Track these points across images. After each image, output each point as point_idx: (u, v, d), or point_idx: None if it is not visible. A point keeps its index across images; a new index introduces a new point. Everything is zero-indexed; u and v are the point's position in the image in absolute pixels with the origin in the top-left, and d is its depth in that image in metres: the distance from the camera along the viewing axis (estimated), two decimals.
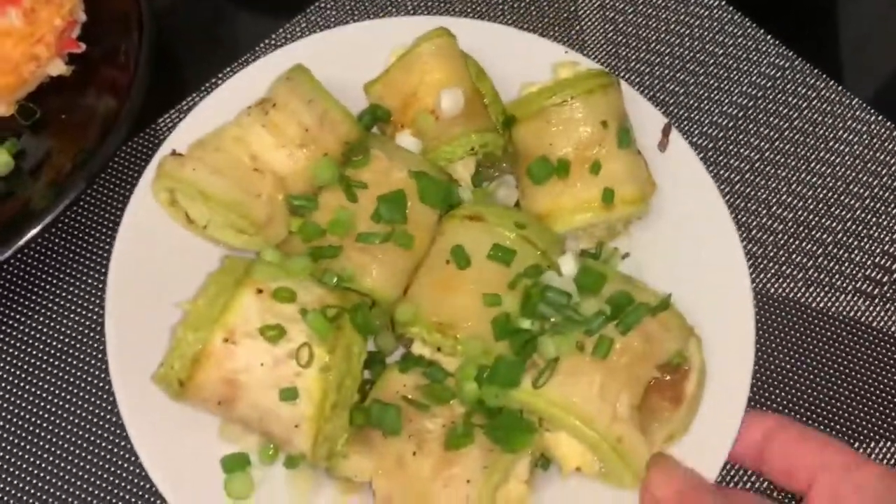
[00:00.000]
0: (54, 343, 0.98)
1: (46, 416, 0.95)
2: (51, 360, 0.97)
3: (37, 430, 0.94)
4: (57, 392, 0.96)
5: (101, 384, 0.96)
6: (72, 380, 0.96)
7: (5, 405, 0.95)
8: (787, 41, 1.23)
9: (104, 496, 0.92)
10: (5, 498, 0.91)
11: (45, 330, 0.98)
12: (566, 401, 0.81)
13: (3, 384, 0.95)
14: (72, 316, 0.99)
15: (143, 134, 1.09)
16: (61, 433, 0.94)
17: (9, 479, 0.91)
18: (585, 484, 0.85)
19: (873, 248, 1.10)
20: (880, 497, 0.76)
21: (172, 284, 0.88)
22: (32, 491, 0.91)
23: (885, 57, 1.27)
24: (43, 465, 0.92)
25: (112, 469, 0.93)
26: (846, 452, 0.80)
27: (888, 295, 1.08)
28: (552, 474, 0.86)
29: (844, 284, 1.08)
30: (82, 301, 0.99)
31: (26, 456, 0.93)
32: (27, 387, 0.96)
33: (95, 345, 0.98)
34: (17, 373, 0.96)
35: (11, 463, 0.92)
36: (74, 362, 0.97)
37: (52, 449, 0.93)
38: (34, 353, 0.97)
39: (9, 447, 0.93)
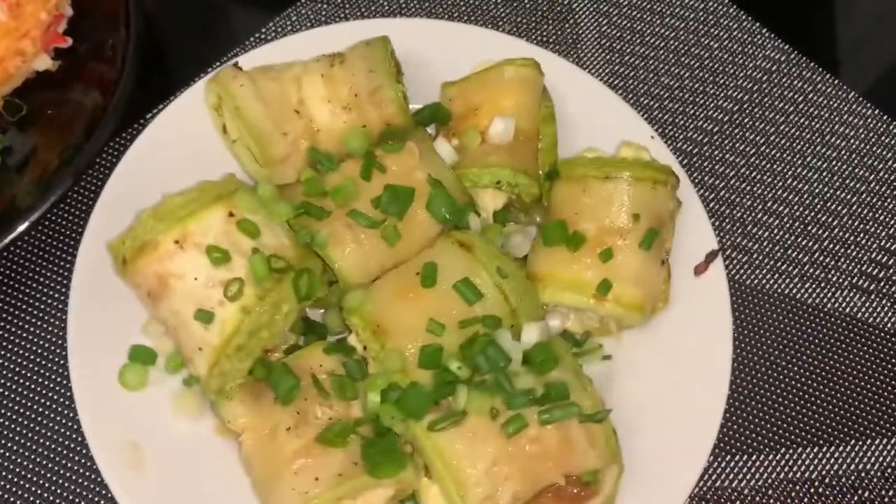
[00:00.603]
0: (40, 341, 0.97)
1: (17, 407, 0.95)
2: (37, 358, 0.97)
3: (23, 430, 0.94)
4: (41, 391, 0.95)
5: None
6: (59, 378, 0.95)
7: None
8: (782, 33, 1.23)
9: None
10: None
11: (25, 326, 0.98)
12: (452, 456, 0.79)
13: None
14: (53, 312, 0.98)
15: (130, 129, 1.08)
16: (45, 432, 0.94)
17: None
18: None
19: (869, 243, 1.10)
20: None
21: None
22: None
23: (880, 50, 1.26)
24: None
25: (71, 475, 0.93)
26: None
27: (884, 290, 1.08)
28: None
29: (840, 280, 1.08)
30: (64, 297, 0.98)
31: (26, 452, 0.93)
32: (12, 385, 0.95)
33: None
34: (3, 371, 0.95)
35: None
36: (55, 358, 0.97)
37: (42, 451, 0.93)
38: (12, 347, 0.97)
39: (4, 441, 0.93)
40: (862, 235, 1.10)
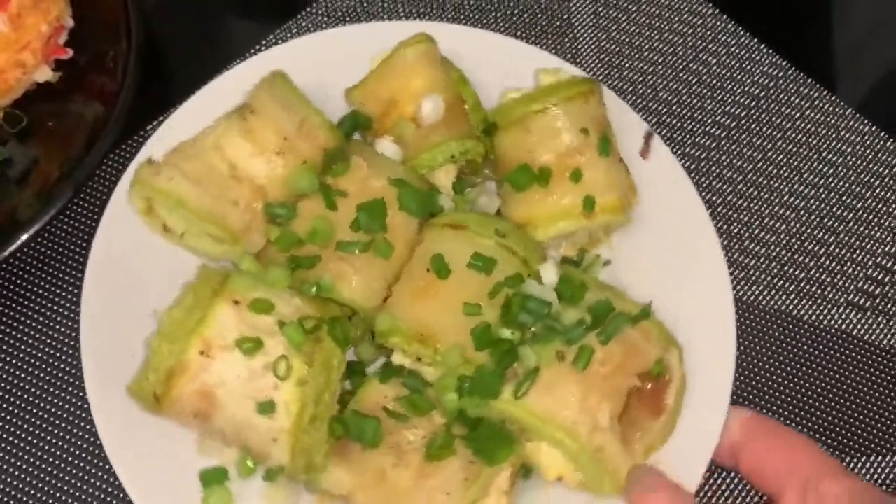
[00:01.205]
0: (37, 353, 0.98)
1: (25, 424, 0.95)
2: (33, 370, 0.97)
3: (13, 439, 0.95)
4: (38, 402, 0.96)
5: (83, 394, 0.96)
6: (56, 391, 0.97)
7: None
8: (779, 46, 1.24)
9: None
10: None
11: (27, 339, 0.99)
12: (546, 411, 0.83)
13: None
14: (55, 326, 0.99)
15: (130, 141, 1.09)
16: (41, 443, 0.95)
17: None
18: (567, 493, 0.86)
19: (866, 260, 1.12)
20: None
21: (149, 292, 0.90)
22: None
23: (875, 64, 1.28)
24: (19, 474, 0.93)
25: (88, 479, 0.94)
26: (818, 459, 0.82)
27: (880, 307, 1.09)
28: (533, 483, 0.87)
29: (837, 297, 1.09)
30: (65, 311, 1.00)
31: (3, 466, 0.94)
32: (6, 395, 0.96)
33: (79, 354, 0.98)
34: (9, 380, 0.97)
35: None
36: (58, 373, 0.98)
37: (31, 458, 0.94)
38: (15, 361, 0.98)
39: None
40: (858, 252, 1.12)
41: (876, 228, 1.13)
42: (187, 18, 1.22)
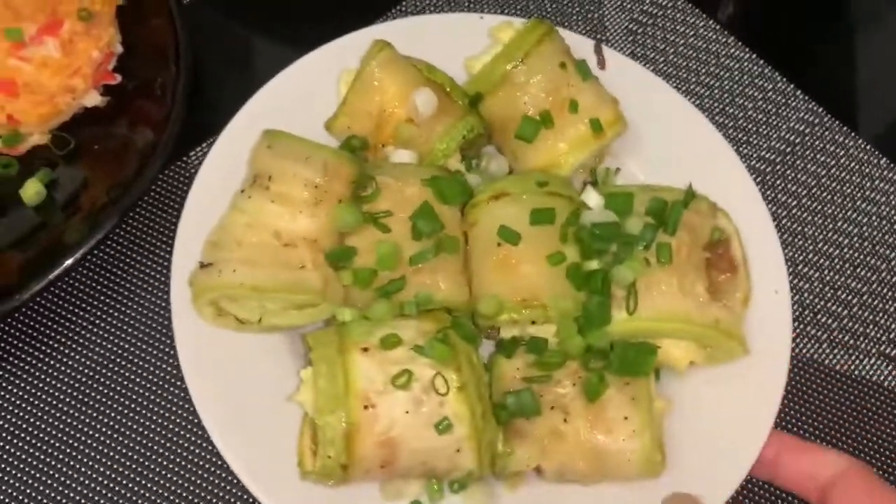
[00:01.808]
0: (79, 377, 1.03)
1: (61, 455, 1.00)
2: (69, 399, 1.02)
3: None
4: (64, 429, 1.01)
5: (120, 410, 1.03)
6: (94, 414, 1.01)
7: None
8: (812, 93, 1.29)
9: None
10: None
11: (72, 364, 1.04)
12: (659, 311, 0.94)
13: (18, 425, 1.01)
14: (99, 350, 1.04)
15: (173, 167, 1.13)
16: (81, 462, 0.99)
17: None
18: (698, 377, 0.97)
19: None
20: None
21: (258, 380, 0.94)
22: None
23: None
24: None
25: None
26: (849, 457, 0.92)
27: None
28: (666, 381, 0.98)
29: (869, 347, 1.12)
30: (108, 335, 1.04)
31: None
32: (31, 431, 1.00)
33: (131, 373, 1.03)
34: (38, 403, 1.01)
35: None
36: (101, 398, 1.03)
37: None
38: (59, 386, 1.03)
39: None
40: (891, 303, 1.15)
41: None
42: (227, 47, 1.26)
